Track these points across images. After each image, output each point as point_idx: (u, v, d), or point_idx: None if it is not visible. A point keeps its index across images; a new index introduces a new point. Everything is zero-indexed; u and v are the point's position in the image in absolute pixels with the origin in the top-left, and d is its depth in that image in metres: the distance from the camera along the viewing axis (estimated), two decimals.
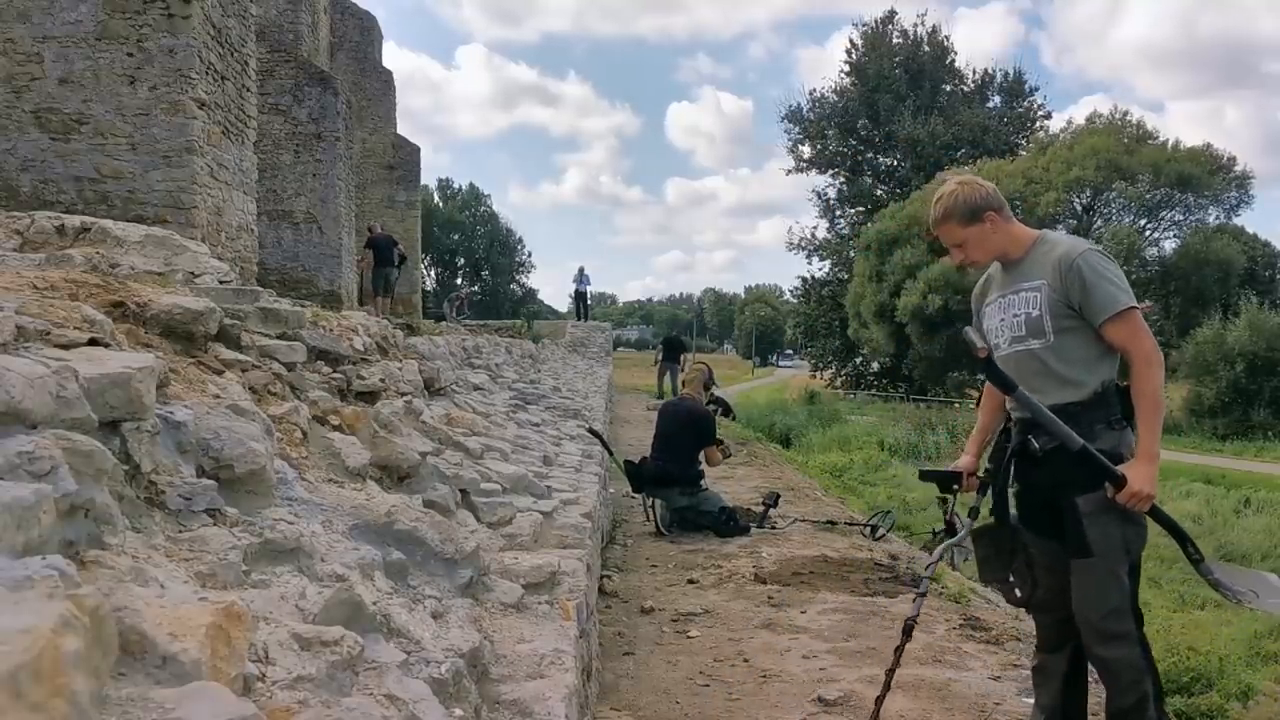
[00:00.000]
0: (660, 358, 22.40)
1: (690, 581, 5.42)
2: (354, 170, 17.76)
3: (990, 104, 46.42)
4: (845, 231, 47.21)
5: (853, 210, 47.81)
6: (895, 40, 46.74)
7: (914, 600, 2.82)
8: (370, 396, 3.56)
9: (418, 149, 23.74)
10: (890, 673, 2.81)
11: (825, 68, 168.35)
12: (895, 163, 46.75)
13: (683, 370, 21.28)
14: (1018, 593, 2.68)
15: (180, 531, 1.59)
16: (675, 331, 30.68)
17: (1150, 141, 33.10)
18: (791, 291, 51.58)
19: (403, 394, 4.01)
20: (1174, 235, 32.82)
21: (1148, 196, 31.63)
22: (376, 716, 1.32)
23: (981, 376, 2.83)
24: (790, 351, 77.27)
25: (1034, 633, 2.98)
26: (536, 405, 7.35)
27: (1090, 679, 2.82)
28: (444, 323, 19.88)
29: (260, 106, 10.97)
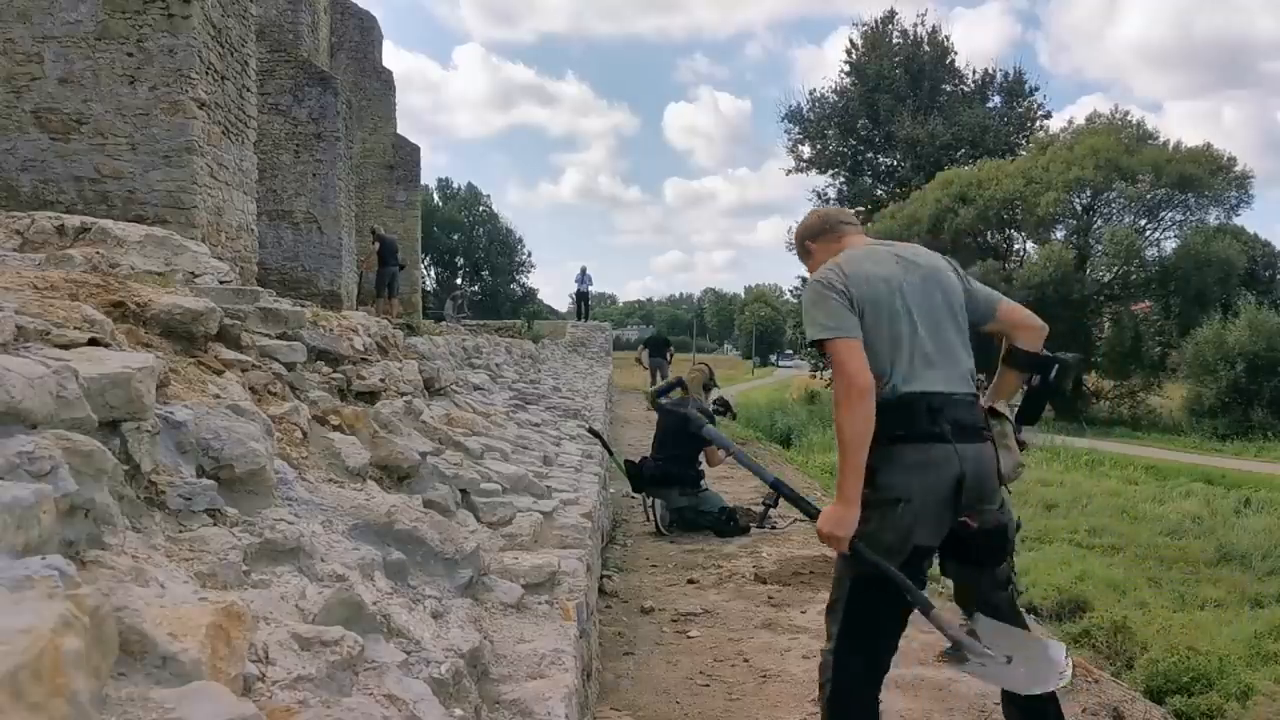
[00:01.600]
0: (645, 357, 22.53)
1: (690, 581, 5.42)
2: (354, 170, 17.76)
3: (990, 104, 46.37)
4: None
5: (853, 210, 47.76)
6: (895, 40, 46.70)
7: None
8: (370, 396, 3.56)
9: (417, 149, 23.73)
10: None
11: (822, 68, 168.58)
12: (895, 163, 46.69)
13: (670, 366, 21.42)
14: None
15: (180, 531, 1.59)
16: (657, 330, 30.95)
17: (1150, 142, 33.02)
18: (791, 291, 51.56)
19: (403, 394, 4.01)
20: (1174, 235, 32.78)
21: (1148, 196, 31.54)
22: (376, 716, 1.32)
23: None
24: (790, 351, 77.20)
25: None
26: (536, 405, 7.35)
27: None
28: (444, 323, 19.89)
29: (260, 106, 10.95)
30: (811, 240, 2.78)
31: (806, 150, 48.27)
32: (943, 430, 2.33)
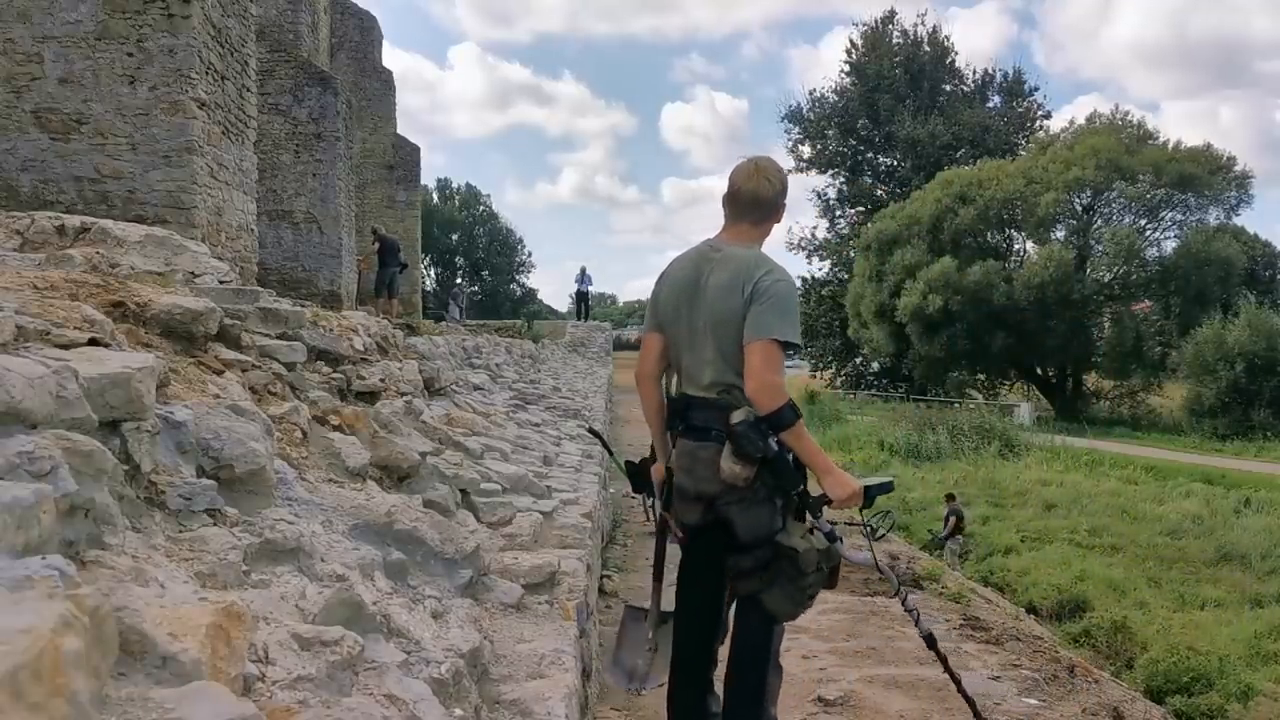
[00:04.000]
0: None
1: None
2: (354, 170, 17.75)
3: (990, 104, 46.39)
4: (845, 231, 47.22)
5: (853, 210, 47.81)
6: (895, 40, 46.73)
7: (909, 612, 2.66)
8: (370, 396, 3.56)
9: (417, 149, 23.73)
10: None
11: (818, 68, 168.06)
12: (895, 163, 46.72)
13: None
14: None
15: (180, 531, 1.59)
16: None
17: (1150, 141, 33.04)
18: None
19: (403, 394, 4.01)
20: (1174, 235, 32.78)
21: (1148, 196, 31.54)
22: (376, 716, 1.32)
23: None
24: (791, 352, 77.21)
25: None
26: (536, 405, 7.35)
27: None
28: (443, 323, 19.88)
29: (260, 106, 10.95)
30: None
31: (807, 150, 48.33)
32: (675, 427, 2.62)
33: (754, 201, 2.52)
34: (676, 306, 2.56)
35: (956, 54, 47.14)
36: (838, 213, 48.59)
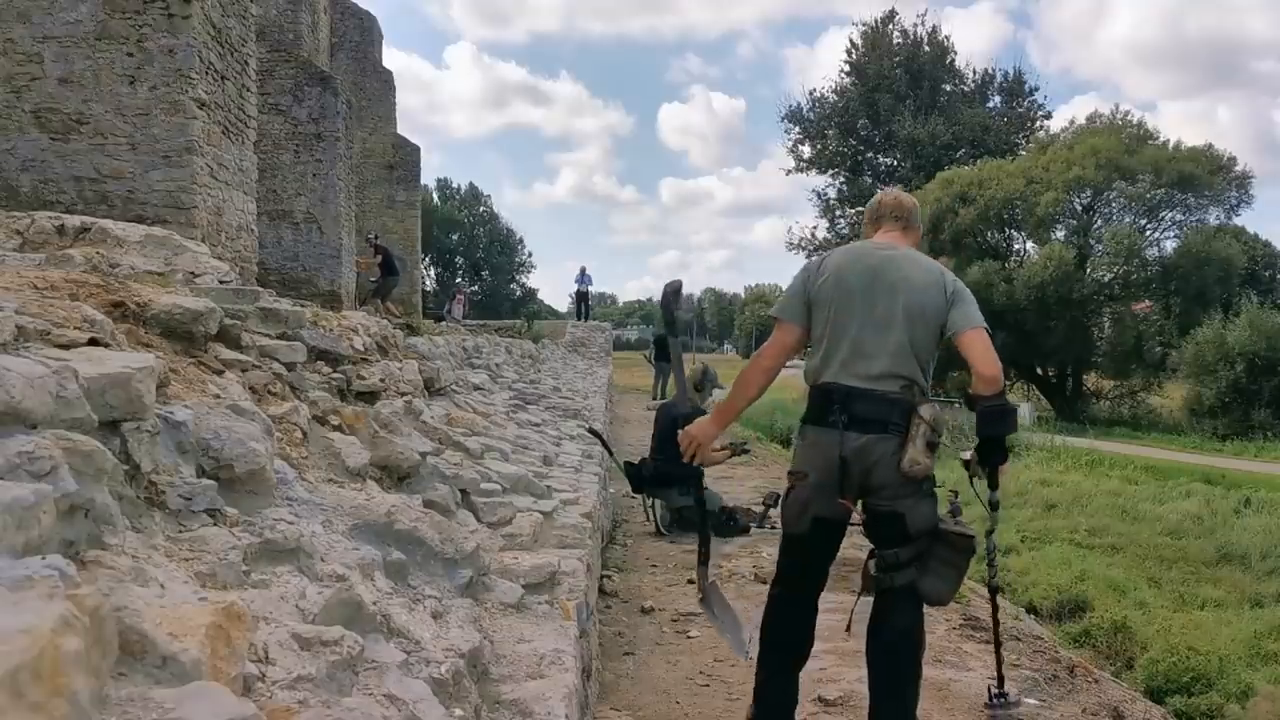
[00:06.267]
0: (653, 356, 22.37)
1: (690, 581, 5.41)
2: (354, 170, 17.74)
3: (990, 104, 46.38)
4: (845, 231, 47.18)
5: (853, 210, 47.79)
6: (895, 40, 46.71)
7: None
8: (370, 396, 3.56)
9: (418, 149, 23.71)
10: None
11: (814, 67, 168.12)
12: (895, 163, 46.70)
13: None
14: None
15: (180, 531, 1.59)
16: (660, 331, 30.48)
17: (1150, 141, 33.00)
18: None
19: (403, 394, 4.01)
20: (1174, 235, 32.73)
21: (1148, 196, 31.51)
22: (376, 716, 1.32)
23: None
24: None
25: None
26: (536, 405, 7.35)
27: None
28: (443, 323, 19.88)
29: (260, 106, 10.94)
30: (867, 222, 3.03)
31: (807, 150, 48.34)
32: (835, 418, 2.63)
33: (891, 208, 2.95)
34: (849, 296, 2.68)
35: (956, 54, 47.16)
36: (838, 213, 48.59)
